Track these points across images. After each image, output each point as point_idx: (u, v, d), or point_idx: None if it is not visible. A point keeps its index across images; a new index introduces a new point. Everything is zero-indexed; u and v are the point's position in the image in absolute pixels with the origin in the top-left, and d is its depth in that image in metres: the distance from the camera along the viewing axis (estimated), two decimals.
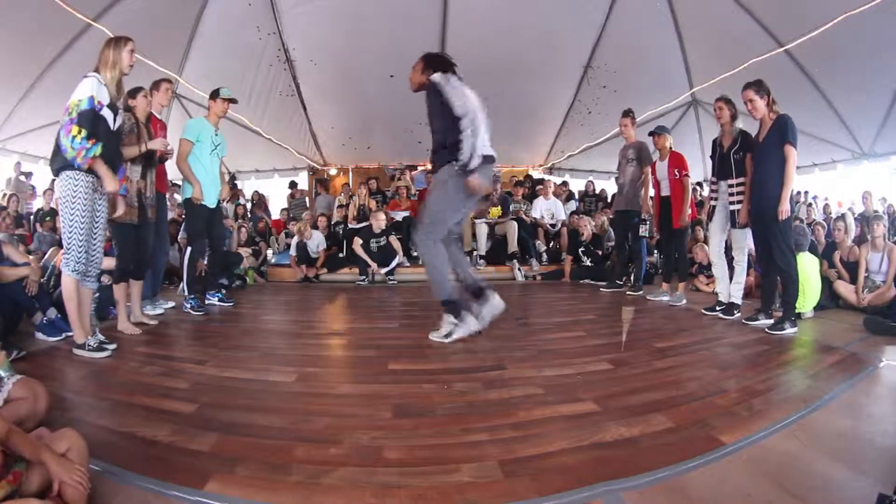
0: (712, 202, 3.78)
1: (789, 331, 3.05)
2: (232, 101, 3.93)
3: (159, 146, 3.26)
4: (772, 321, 3.20)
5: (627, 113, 4.81)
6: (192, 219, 3.90)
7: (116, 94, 2.56)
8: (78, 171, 2.40)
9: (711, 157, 3.77)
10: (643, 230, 4.75)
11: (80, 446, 1.20)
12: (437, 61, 2.88)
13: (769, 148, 3.16)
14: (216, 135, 3.87)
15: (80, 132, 2.31)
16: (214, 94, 3.91)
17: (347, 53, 7.41)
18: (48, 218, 6.28)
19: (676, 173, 4.27)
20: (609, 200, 8.01)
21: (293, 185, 9.39)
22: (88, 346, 2.46)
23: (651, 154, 4.68)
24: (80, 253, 2.46)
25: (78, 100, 2.36)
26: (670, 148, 4.41)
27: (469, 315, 2.80)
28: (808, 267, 3.59)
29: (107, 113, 2.48)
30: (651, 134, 4.53)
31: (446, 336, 2.76)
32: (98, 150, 2.38)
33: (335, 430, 1.60)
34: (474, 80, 2.97)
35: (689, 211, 4.29)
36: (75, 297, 2.49)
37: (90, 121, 2.36)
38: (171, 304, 3.87)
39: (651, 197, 4.68)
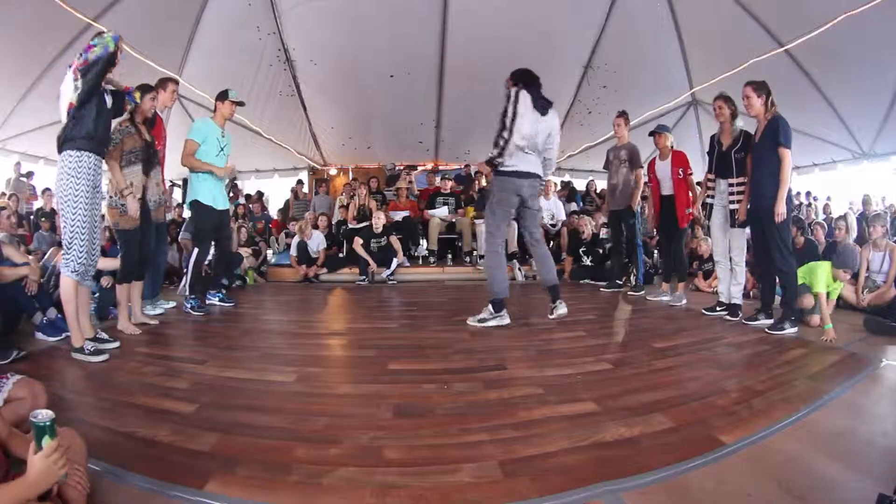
0: (708, 199, 3.76)
1: (789, 331, 3.05)
2: (240, 103, 3.90)
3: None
4: (772, 321, 3.20)
5: (622, 113, 4.87)
6: (200, 222, 3.86)
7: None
8: (81, 152, 2.38)
9: (709, 153, 3.74)
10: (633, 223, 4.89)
11: (78, 446, 1.20)
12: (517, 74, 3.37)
13: (763, 150, 3.16)
14: (222, 136, 3.85)
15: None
16: (222, 96, 3.87)
17: (347, 53, 7.40)
18: (48, 218, 6.29)
19: (680, 173, 4.25)
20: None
21: (300, 183, 9.44)
22: (86, 349, 2.42)
23: (640, 158, 4.75)
24: (81, 252, 2.41)
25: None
26: (671, 147, 4.40)
27: (506, 313, 3.20)
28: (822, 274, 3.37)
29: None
30: (651, 134, 4.52)
31: (480, 321, 3.17)
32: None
33: (335, 430, 1.60)
34: (474, 80, 2.99)
35: (693, 211, 4.29)
36: (74, 300, 2.44)
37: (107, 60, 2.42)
38: (171, 304, 3.87)
39: (647, 197, 4.68)
